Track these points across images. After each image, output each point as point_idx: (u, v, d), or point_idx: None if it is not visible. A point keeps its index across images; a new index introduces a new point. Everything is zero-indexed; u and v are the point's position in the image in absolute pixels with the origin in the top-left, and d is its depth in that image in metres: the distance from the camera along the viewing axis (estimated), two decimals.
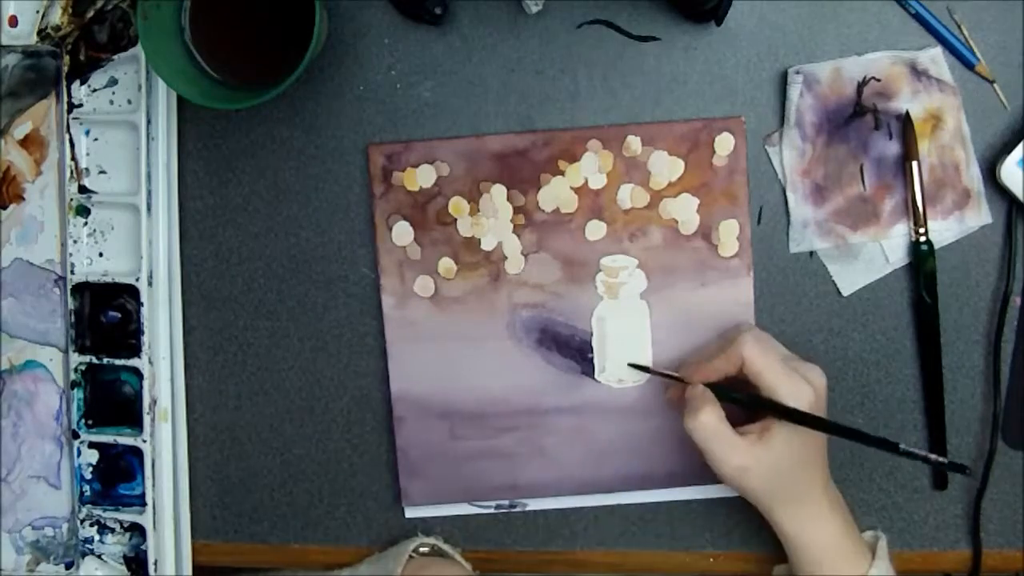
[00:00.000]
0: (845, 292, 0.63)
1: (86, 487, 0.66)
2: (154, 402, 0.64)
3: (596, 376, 0.64)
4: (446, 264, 0.64)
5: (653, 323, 0.63)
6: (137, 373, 0.64)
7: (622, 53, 0.62)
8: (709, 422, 0.56)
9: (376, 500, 0.67)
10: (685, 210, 0.62)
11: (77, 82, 0.64)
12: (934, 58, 0.60)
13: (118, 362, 0.65)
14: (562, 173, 0.63)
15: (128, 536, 0.67)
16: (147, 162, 0.63)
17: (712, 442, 0.56)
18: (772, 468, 0.56)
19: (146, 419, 0.64)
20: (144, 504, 0.64)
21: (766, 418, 0.57)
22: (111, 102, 0.64)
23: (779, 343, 0.59)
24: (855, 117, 0.61)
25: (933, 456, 0.55)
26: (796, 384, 0.55)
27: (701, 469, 0.61)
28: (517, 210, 0.63)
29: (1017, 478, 0.63)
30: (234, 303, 0.66)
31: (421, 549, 0.65)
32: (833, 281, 0.63)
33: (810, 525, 0.57)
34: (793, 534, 0.58)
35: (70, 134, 0.64)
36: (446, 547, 0.65)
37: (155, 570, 0.64)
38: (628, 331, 0.63)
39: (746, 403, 0.57)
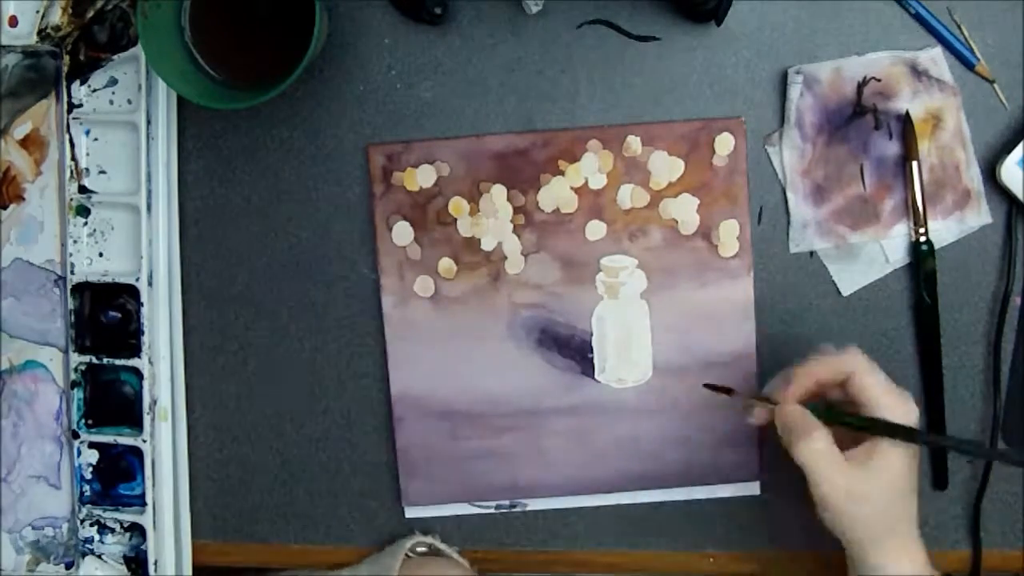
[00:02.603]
0: (845, 292, 0.63)
1: (86, 487, 0.66)
2: (154, 402, 0.64)
3: (596, 376, 0.64)
4: (446, 264, 0.64)
5: (653, 323, 0.63)
6: (137, 373, 0.64)
7: (622, 53, 0.62)
8: (823, 448, 0.51)
9: (376, 500, 0.67)
10: (685, 210, 0.62)
11: (77, 82, 0.64)
12: (934, 58, 0.60)
13: (118, 362, 0.64)
14: (562, 173, 0.63)
15: (128, 536, 0.67)
16: (147, 162, 0.63)
17: (825, 468, 0.51)
18: (881, 494, 0.52)
19: (146, 419, 0.64)
20: (144, 504, 0.64)
21: (868, 441, 0.53)
22: (111, 102, 0.64)
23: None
24: (855, 117, 0.61)
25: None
26: (905, 401, 0.52)
27: (701, 469, 0.61)
28: (517, 210, 0.63)
29: (1017, 478, 0.63)
30: (234, 303, 0.66)
31: (419, 548, 0.65)
32: (833, 281, 0.63)
33: (900, 562, 0.53)
34: (892, 572, 0.53)
35: (70, 134, 0.64)
36: (443, 546, 0.65)
37: (155, 570, 0.64)
38: (628, 331, 0.63)
39: (855, 424, 0.53)
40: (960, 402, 0.63)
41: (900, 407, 0.52)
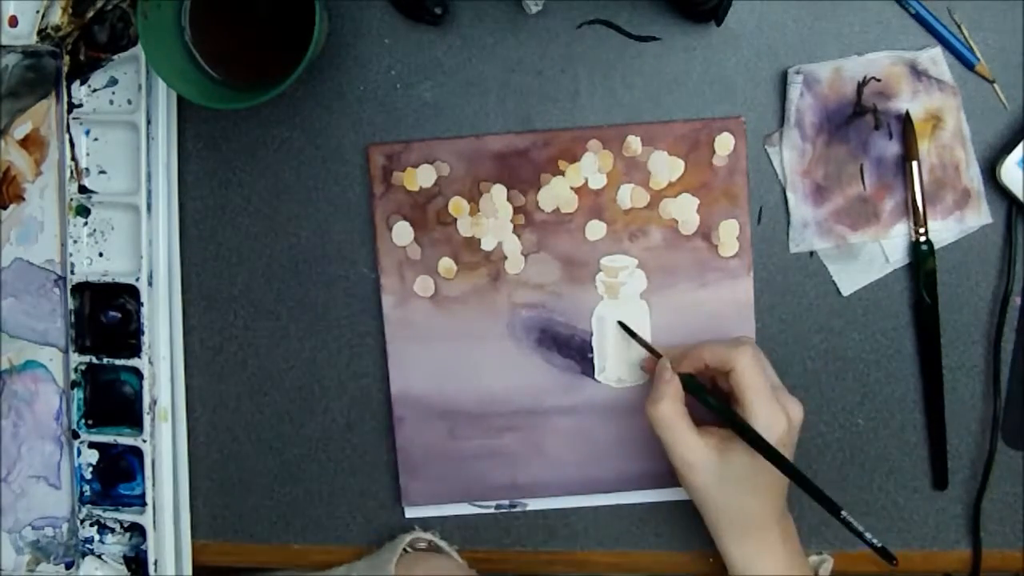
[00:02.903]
0: (845, 292, 0.63)
1: (86, 487, 0.66)
2: (154, 402, 0.64)
3: (596, 376, 0.64)
4: (446, 264, 0.64)
5: (653, 323, 0.63)
6: (137, 373, 0.64)
7: (622, 53, 0.62)
8: (666, 413, 0.56)
9: (376, 500, 0.67)
10: (685, 210, 0.62)
11: (77, 82, 0.64)
12: (934, 58, 0.60)
13: (118, 362, 0.64)
14: (562, 173, 0.63)
15: (128, 536, 0.67)
16: (147, 162, 0.63)
17: (666, 432, 0.56)
18: (721, 478, 0.55)
19: (146, 419, 0.64)
20: (144, 504, 0.64)
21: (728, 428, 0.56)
22: (111, 102, 0.64)
23: (773, 370, 0.58)
24: (855, 117, 0.61)
25: (868, 535, 0.54)
26: (774, 413, 0.55)
27: None
28: (517, 210, 0.63)
29: (1017, 478, 0.63)
30: (234, 303, 0.66)
31: (417, 545, 0.65)
32: (833, 281, 0.63)
33: (756, 556, 0.57)
34: (738, 563, 0.57)
35: (70, 134, 0.64)
36: (441, 543, 0.65)
37: (155, 570, 0.64)
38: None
39: (716, 411, 0.56)
40: (960, 402, 0.63)
41: (767, 418, 0.54)
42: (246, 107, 0.58)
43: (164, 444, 0.64)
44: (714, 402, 0.56)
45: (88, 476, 0.66)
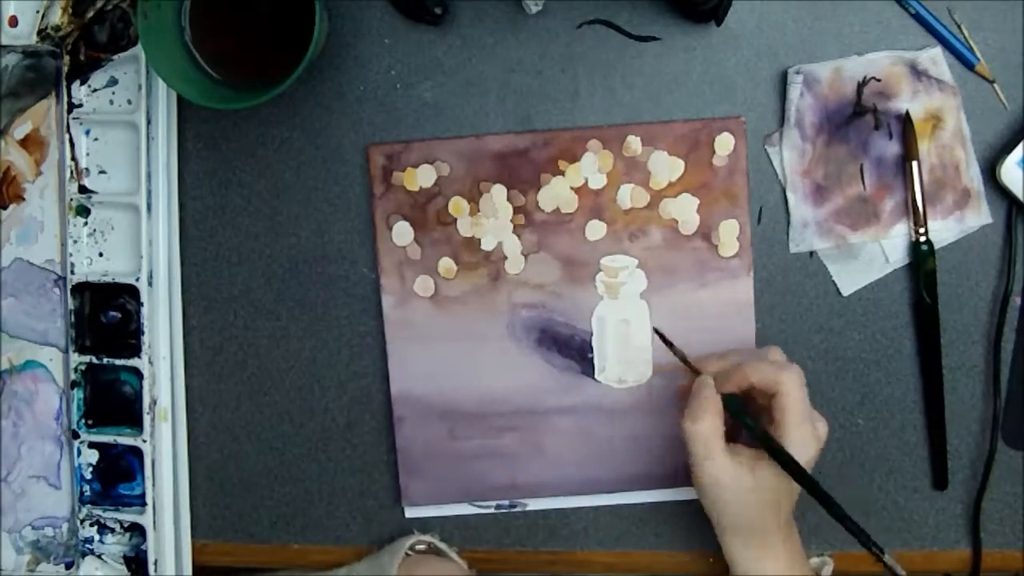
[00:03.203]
0: (845, 292, 0.63)
1: (86, 487, 0.66)
2: (154, 402, 0.64)
3: (596, 376, 0.64)
4: (446, 264, 0.64)
5: (653, 323, 0.63)
6: (137, 373, 0.64)
7: (622, 53, 0.62)
8: (706, 431, 0.55)
9: (376, 500, 0.67)
10: (685, 210, 0.62)
11: (77, 82, 0.64)
12: (934, 58, 0.60)
13: (118, 362, 0.65)
14: (562, 173, 0.63)
15: (128, 536, 0.67)
16: (147, 162, 0.63)
17: (701, 451, 0.55)
18: (747, 496, 0.55)
19: (146, 419, 0.64)
20: (144, 504, 0.64)
21: (760, 448, 0.56)
22: (111, 102, 0.64)
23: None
24: (855, 117, 0.61)
25: (900, 572, 0.52)
26: (808, 437, 0.55)
27: None
28: (517, 210, 0.63)
29: (1017, 478, 0.63)
30: (234, 303, 0.66)
31: (418, 547, 0.65)
32: (833, 281, 0.63)
33: (760, 558, 0.57)
34: (742, 564, 0.57)
35: (70, 134, 0.64)
36: (442, 545, 0.65)
37: (155, 570, 0.64)
38: (628, 331, 0.63)
39: (751, 430, 0.56)
40: (960, 402, 0.63)
41: (802, 442, 0.54)
42: (246, 107, 0.58)
43: (164, 444, 0.64)
44: (754, 426, 0.56)
45: (88, 476, 0.66)
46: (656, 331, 0.61)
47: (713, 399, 0.56)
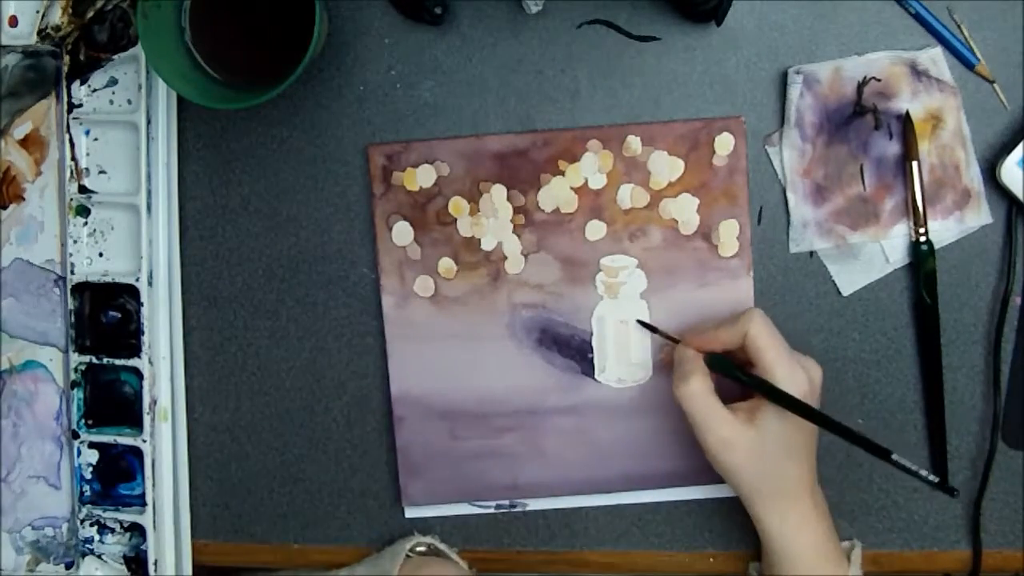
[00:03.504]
0: (845, 292, 0.63)
1: (86, 487, 0.66)
2: (154, 402, 0.64)
3: (596, 376, 0.64)
4: (446, 264, 0.64)
5: (653, 323, 0.63)
6: (137, 373, 0.64)
7: (622, 53, 0.62)
8: (698, 390, 0.55)
9: (376, 500, 0.67)
10: (685, 210, 0.62)
11: (77, 82, 0.64)
12: (934, 58, 0.60)
13: (118, 362, 0.65)
14: (562, 173, 0.63)
15: (128, 536, 0.67)
16: (147, 162, 0.63)
17: (699, 410, 0.55)
18: (757, 449, 0.55)
19: (146, 419, 0.64)
20: (144, 504, 0.65)
21: (757, 398, 0.56)
22: (111, 102, 0.64)
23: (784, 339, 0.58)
24: (855, 117, 0.61)
25: (924, 472, 0.52)
26: (794, 370, 0.55)
27: (701, 469, 0.61)
28: (517, 210, 0.63)
29: (1017, 478, 0.63)
30: (234, 303, 0.66)
31: (418, 548, 0.65)
32: (833, 281, 0.63)
33: (793, 524, 0.56)
34: (775, 532, 0.57)
35: (70, 134, 0.64)
36: (443, 546, 0.65)
37: (155, 570, 0.64)
38: (628, 331, 0.63)
39: (740, 378, 0.56)
40: (960, 402, 0.63)
41: (788, 375, 0.55)
42: (246, 107, 0.58)
43: (164, 444, 0.64)
44: (736, 370, 0.56)
45: (88, 476, 0.66)
46: (639, 322, 0.63)
47: (695, 358, 0.57)
